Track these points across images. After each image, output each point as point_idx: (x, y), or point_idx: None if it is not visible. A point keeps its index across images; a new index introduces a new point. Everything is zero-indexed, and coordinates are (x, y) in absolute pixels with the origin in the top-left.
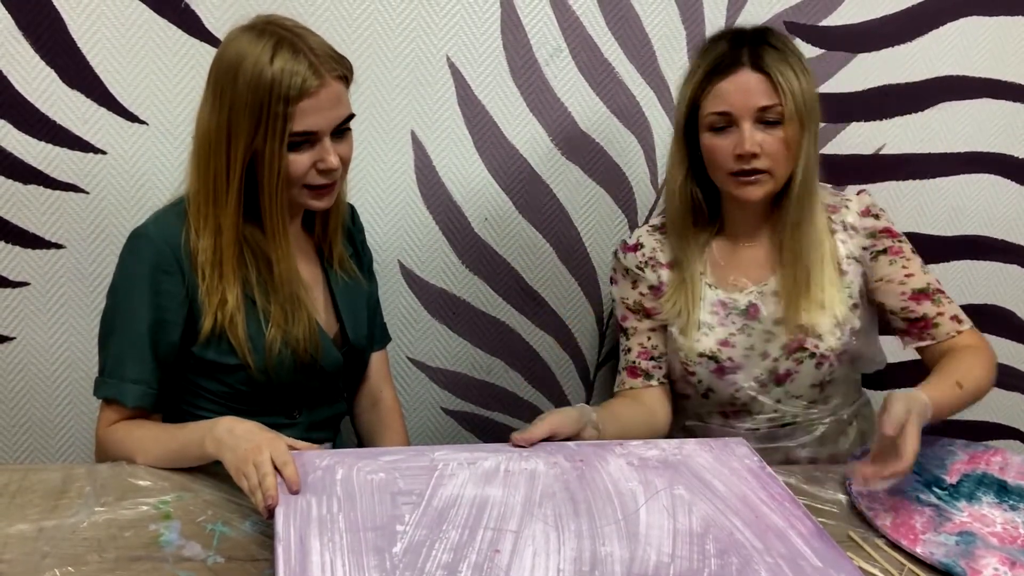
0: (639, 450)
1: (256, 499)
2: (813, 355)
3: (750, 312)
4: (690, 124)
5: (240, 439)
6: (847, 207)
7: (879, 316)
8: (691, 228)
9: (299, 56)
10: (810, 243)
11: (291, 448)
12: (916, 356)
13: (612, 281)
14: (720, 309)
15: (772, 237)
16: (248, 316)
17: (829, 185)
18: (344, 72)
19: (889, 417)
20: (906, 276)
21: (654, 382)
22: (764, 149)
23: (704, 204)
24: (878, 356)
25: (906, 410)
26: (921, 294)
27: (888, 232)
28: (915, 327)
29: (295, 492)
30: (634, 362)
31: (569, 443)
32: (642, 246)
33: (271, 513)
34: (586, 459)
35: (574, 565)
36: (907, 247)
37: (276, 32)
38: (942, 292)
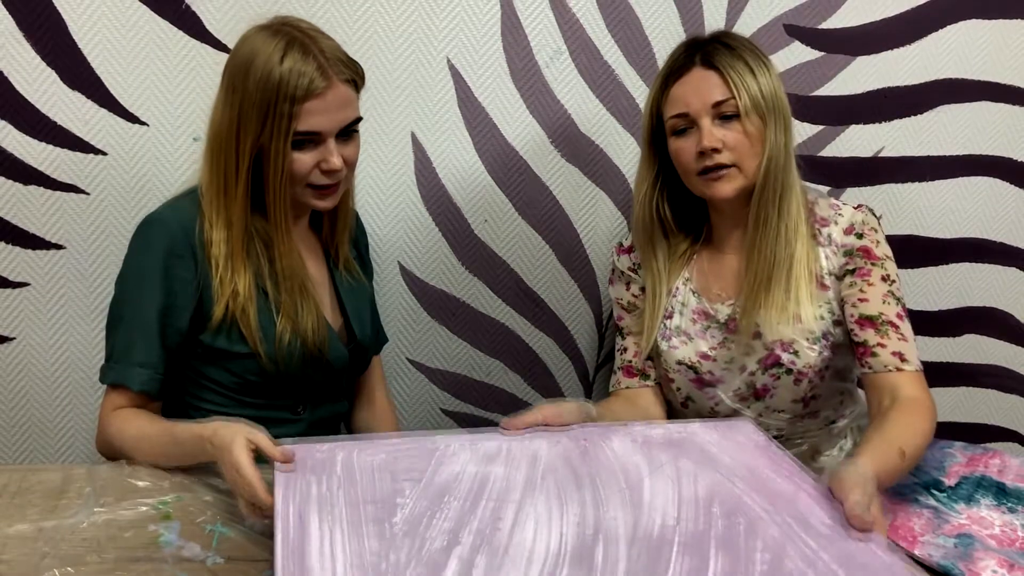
0: (644, 430)
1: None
2: (790, 371)
3: (729, 326)
4: (658, 135)
5: (216, 456)
6: (836, 222)
7: None
8: (660, 239)
9: (308, 57)
10: (776, 240)
11: (257, 448)
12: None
13: (609, 282)
14: (700, 318)
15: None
16: (260, 306)
17: (827, 194)
18: (353, 76)
19: (854, 517)
20: (859, 300)
21: (650, 382)
22: (726, 144)
23: (671, 217)
24: None
25: (867, 499)
26: (867, 321)
27: (864, 252)
28: (858, 351)
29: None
30: (630, 361)
31: (572, 426)
32: (636, 248)
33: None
34: (590, 438)
35: (577, 529)
36: (878, 272)
37: (289, 32)
38: (895, 327)
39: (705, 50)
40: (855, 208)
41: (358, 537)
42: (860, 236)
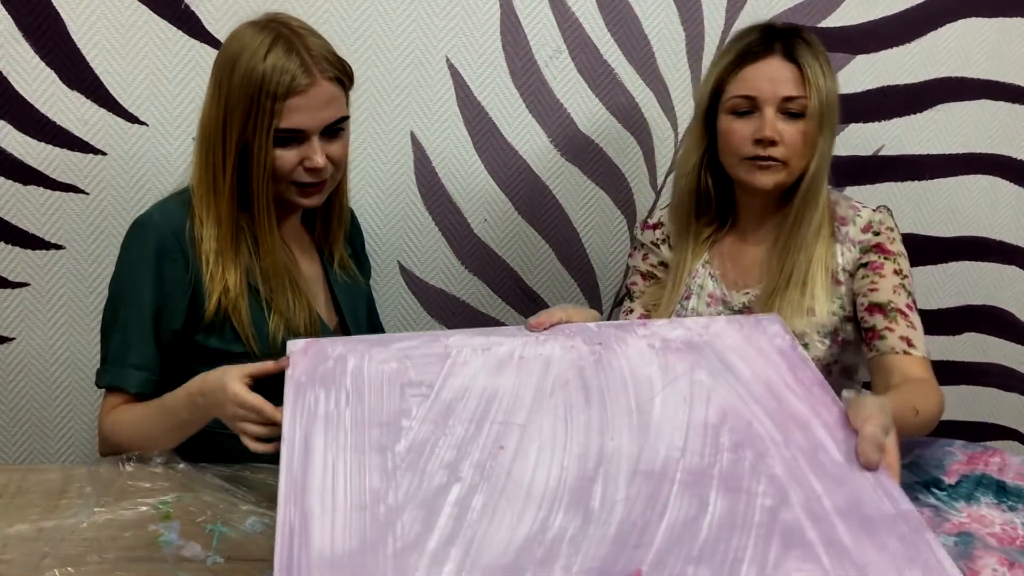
0: (663, 331)
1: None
2: None
3: (743, 314)
4: (710, 108)
5: (209, 402)
6: (855, 222)
7: None
8: (693, 218)
9: (292, 54)
10: (802, 241)
11: (250, 375)
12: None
13: (629, 255)
14: (715, 303)
15: (777, 239)
16: (251, 303)
17: (851, 196)
18: (339, 74)
19: (866, 442)
20: (870, 289)
21: None
22: (784, 139)
23: (713, 195)
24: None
25: (883, 430)
26: (876, 307)
27: (879, 248)
28: (866, 336)
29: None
30: None
31: (590, 324)
32: (661, 225)
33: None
34: (605, 342)
35: (579, 462)
36: (891, 265)
37: (276, 29)
38: (903, 314)
39: (789, 42)
40: (874, 209)
41: (359, 469)
42: (876, 234)
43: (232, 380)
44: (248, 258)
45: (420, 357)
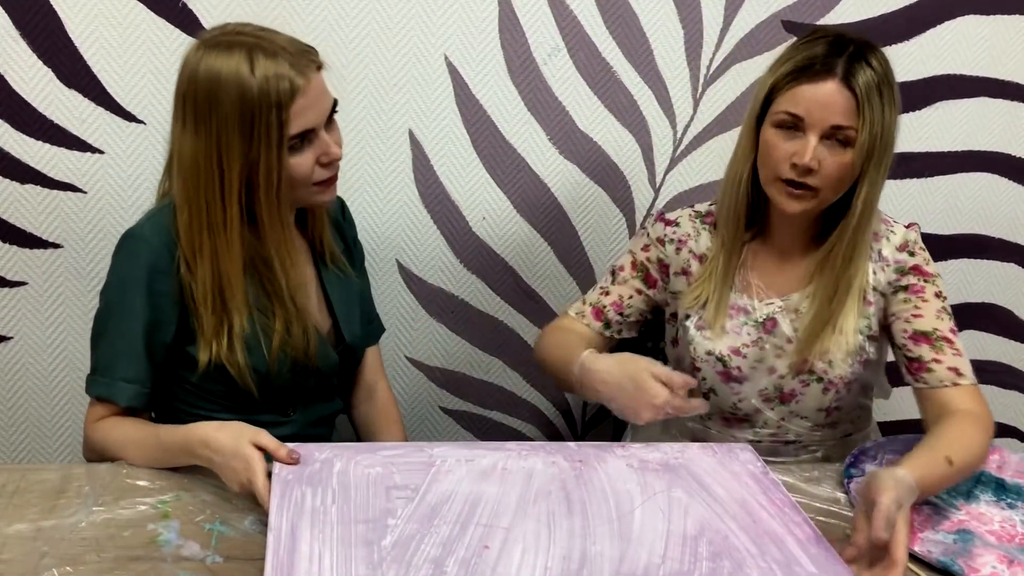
0: (640, 452)
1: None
2: (821, 380)
3: (767, 326)
4: (761, 113)
5: (216, 461)
6: (888, 239)
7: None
8: (743, 227)
9: (277, 59)
10: (853, 276)
11: (263, 448)
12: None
13: (634, 235)
14: (736, 313)
15: (809, 254)
16: (248, 331)
17: (879, 209)
18: (319, 61)
19: (880, 515)
20: (913, 315)
21: (607, 333)
22: (822, 168)
23: (752, 204)
24: (884, 386)
25: (897, 504)
26: (922, 336)
27: (916, 270)
28: (912, 366)
29: (293, 461)
30: (604, 306)
31: (570, 444)
32: (678, 225)
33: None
34: (585, 460)
35: (563, 563)
36: (931, 288)
37: (242, 41)
38: (949, 341)
39: (852, 66)
40: (906, 227)
41: (346, 560)
42: (912, 254)
43: (253, 456)
44: (253, 290)
45: (405, 464)
